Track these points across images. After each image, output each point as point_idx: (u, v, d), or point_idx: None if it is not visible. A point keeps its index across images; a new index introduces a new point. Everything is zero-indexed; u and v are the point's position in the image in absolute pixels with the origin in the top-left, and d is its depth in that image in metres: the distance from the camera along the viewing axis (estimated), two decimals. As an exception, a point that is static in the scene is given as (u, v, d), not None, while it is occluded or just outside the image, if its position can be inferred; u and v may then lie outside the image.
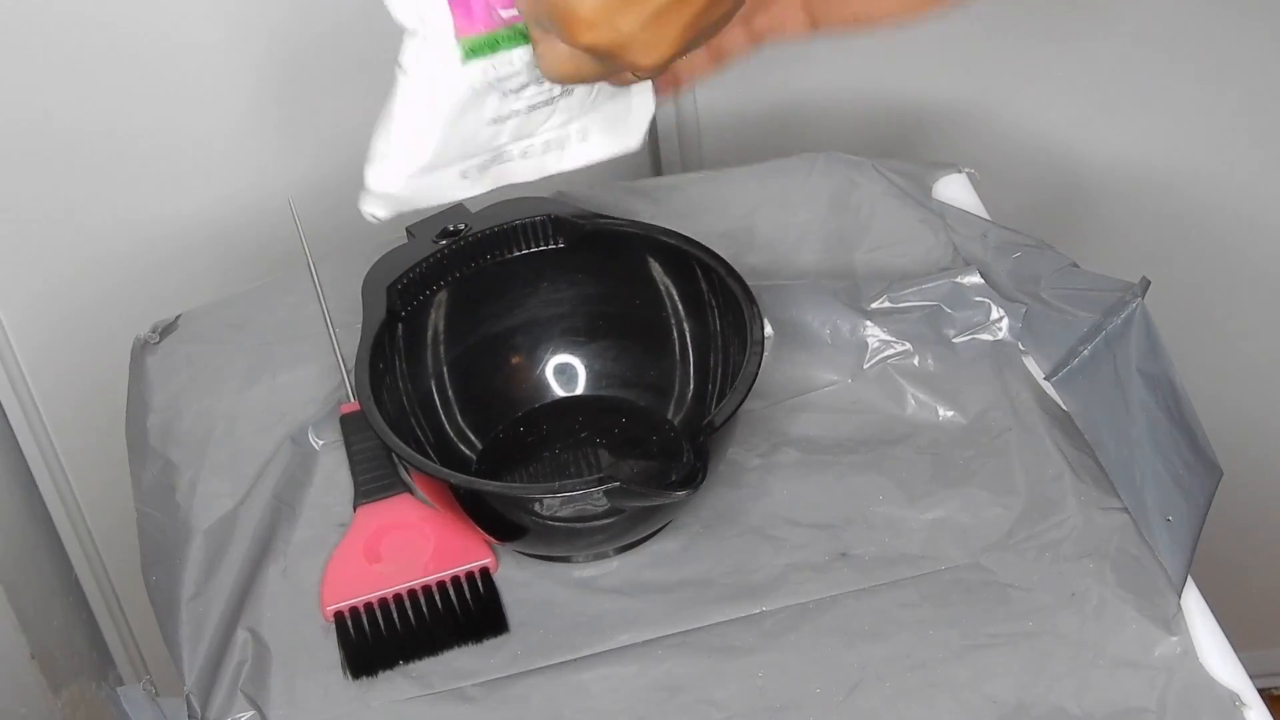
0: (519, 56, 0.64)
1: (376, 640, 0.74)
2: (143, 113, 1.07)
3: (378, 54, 1.08)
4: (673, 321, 0.83)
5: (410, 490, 0.79)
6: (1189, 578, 0.72)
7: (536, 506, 0.71)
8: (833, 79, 1.11)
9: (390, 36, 0.63)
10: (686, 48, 0.60)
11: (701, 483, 0.69)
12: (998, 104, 1.12)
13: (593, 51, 0.59)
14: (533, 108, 0.67)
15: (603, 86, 0.68)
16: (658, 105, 0.70)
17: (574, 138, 0.70)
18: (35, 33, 1.02)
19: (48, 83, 1.04)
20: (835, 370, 0.83)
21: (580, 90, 0.67)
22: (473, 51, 0.63)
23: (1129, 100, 1.12)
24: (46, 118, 1.06)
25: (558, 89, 0.67)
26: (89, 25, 1.02)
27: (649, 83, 0.68)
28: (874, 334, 0.83)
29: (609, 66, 0.61)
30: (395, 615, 0.74)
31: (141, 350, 0.91)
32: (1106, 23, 1.09)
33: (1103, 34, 1.09)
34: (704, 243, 0.80)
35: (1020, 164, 1.14)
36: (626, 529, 0.75)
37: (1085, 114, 1.12)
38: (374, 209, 0.68)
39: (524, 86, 0.66)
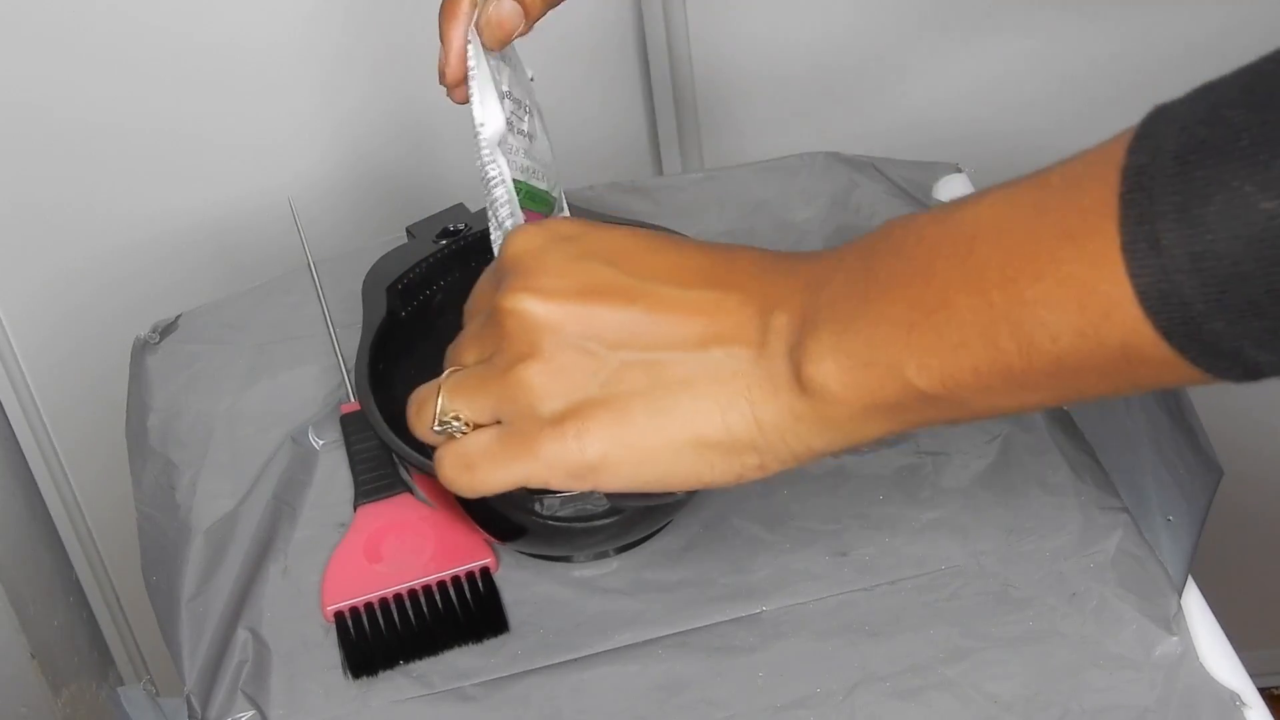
0: None
1: (376, 640, 0.74)
2: (143, 111, 1.07)
3: (378, 55, 1.09)
4: (673, 321, 0.82)
5: (410, 490, 0.79)
6: (1189, 578, 0.72)
7: (536, 506, 0.71)
8: (833, 79, 1.11)
9: (387, 37, 0.63)
10: None
11: (701, 482, 0.69)
12: (998, 104, 1.12)
13: None
14: None
15: None
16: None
17: None
18: (36, 29, 1.02)
19: (49, 80, 1.04)
20: (835, 370, 0.83)
21: None
22: None
23: (1129, 100, 1.12)
24: (47, 116, 1.06)
25: None
26: (89, 22, 1.02)
27: None
28: (874, 334, 0.83)
29: None
30: (395, 615, 0.74)
31: (141, 350, 0.91)
32: (1107, 22, 1.09)
33: (1103, 34, 1.09)
34: (704, 243, 0.80)
35: (1020, 164, 1.14)
36: (626, 529, 0.75)
37: (1085, 114, 1.12)
38: None
39: None
